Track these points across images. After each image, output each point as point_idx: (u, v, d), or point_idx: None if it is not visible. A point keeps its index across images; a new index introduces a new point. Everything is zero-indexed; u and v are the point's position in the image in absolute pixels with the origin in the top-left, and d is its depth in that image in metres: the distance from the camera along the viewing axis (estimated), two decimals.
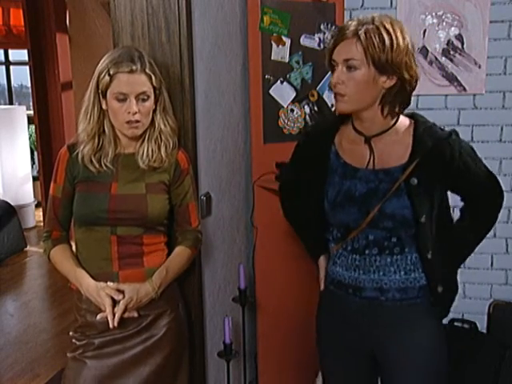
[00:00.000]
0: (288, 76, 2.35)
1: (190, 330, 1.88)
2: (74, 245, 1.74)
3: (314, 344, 1.74)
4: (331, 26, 2.39)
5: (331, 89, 1.48)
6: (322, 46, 2.39)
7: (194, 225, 1.76)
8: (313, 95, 2.42)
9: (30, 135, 6.21)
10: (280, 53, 2.32)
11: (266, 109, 2.31)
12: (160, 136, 1.67)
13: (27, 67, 5.47)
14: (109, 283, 1.62)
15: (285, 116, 2.37)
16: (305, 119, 2.42)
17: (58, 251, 1.71)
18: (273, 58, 2.31)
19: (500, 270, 2.61)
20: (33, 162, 6.24)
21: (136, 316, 1.65)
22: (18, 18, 5.93)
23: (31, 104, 5.56)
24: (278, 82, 2.33)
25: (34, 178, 6.02)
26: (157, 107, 1.65)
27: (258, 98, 2.29)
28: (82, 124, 1.64)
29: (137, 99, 1.57)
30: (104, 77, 1.56)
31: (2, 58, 6.84)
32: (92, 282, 1.63)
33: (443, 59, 2.50)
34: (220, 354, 2.11)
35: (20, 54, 6.64)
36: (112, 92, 1.57)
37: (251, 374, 2.50)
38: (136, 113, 1.57)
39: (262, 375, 2.47)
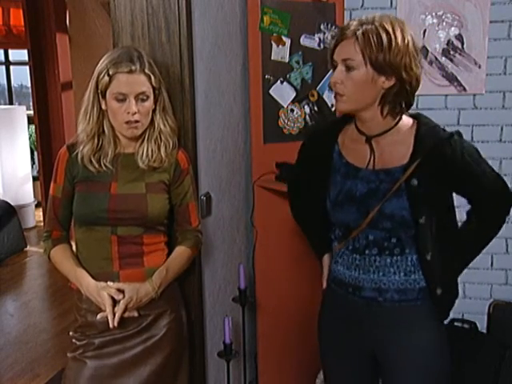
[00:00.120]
0: (288, 76, 2.35)
1: (190, 330, 1.88)
2: (74, 245, 1.74)
3: (314, 344, 1.74)
4: (331, 26, 2.39)
5: (331, 89, 1.48)
6: (322, 45, 2.39)
7: (194, 225, 1.76)
8: (313, 95, 2.42)
9: (30, 135, 6.21)
10: (280, 53, 2.32)
11: (265, 109, 2.31)
12: (160, 136, 1.67)
13: (27, 67, 5.46)
14: (109, 283, 1.62)
15: (285, 116, 2.37)
16: (305, 119, 2.42)
17: (58, 251, 1.71)
18: (273, 58, 2.31)
19: (500, 270, 2.61)
20: (33, 162, 6.24)
21: (136, 316, 1.65)
22: (18, 17, 5.93)
23: (31, 104, 5.55)
24: (278, 81, 2.33)
25: (34, 178, 6.01)
26: (156, 107, 1.65)
27: (258, 98, 2.29)
28: (82, 124, 1.64)
29: (136, 99, 1.57)
30: (103, 77, 1.56)
31: (2, 58, 6.83)
32: (92, 281, 1.63)
33: (443, 59, 2.50)
34: (220, 354, 2.11)
35: (20, 54, 6.64)
36: (111, 92, 1.57)
37: (251, 374, 2.50)
38: (135, 113, 1.57)
39: (262, 375, 2.47)
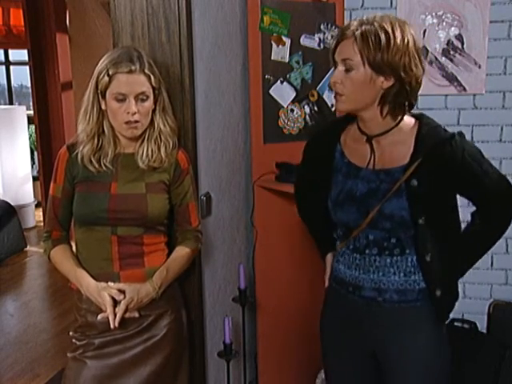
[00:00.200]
0: (288, 76, 2.35)
1: (190, 330, 1.88)
2: (74, 245, 1.74)
3: (313, 344, 1.74)
4: (331, 26, 2.39)
5: (331, 89, 1.48)
6: (322, 45, 2.39)
7: (194, 224, 1.76)
8: (313, 95, 2.42)
9: (30, 135, 6.21)
10: (280, 53, 2.32)
11: (266, 109, 2.31)
12: (160, 136, 1.67)
13: (27, 67, 5.46)
14: (110, 283, 1.62)
15: (285, 116, 2.37)
16: (305, 119, 2.42)
17: (58, 251, 1.71)
18: (273, 58, 2.31)
19: (500, 270, 2.61)
20: (33, 162, 6.23)
21: (137, 316, 1.65)
22: (18, 17, 5.93)
23: (31, 104, 5.55)
24: (278, 81, 2.33)
25: (34, 178, 6.01)
26: (156, 107, 1.65)
27: (258, 98, 2.29)
28: (82, 124, 1.64)
29: (136, 99, 1.57)
30: (103, 77, 1.56)
31: (2, 58, 6.83)
32: (92, 281, 1.63)
33: (443, 59, 2.50)
34: (220, 354, 2.11)
35: (20, 54, 6.64)
36: (111, 92, 1.57)
37: (251, 374, 2.50)
38: (135, 113, 1.57)
39: (262, 375, 2.47)
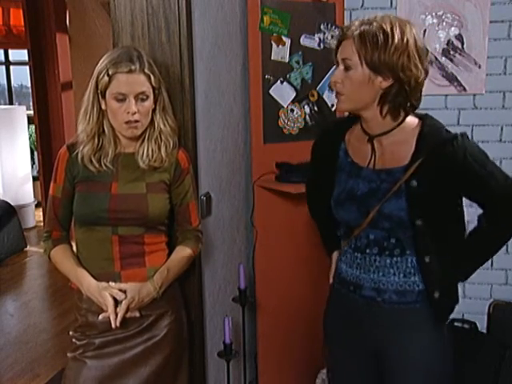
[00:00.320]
0: (288, 76, 2.35)
1: (190, 330, 1.88)
2: (74, 245, 1.74)
3: (313, 344, 1.75)
4: (331, 26, 2.39)
5: (331, 89, 1.49)
6: (322, 45, 2.39)
7: (194, 224, 1.76)
8: (313, 95, 2.42)
9: (30, 135, 6.21)
10: (280, 53, 2.32)
11: (266, 109, 2.31)
12: (160, 136, 1.66)
13: (27, 67, 5.47)
14: (111, 283, 1.62)
15: (285, 116, 2.37)
16: (305, 119, 2.42)
17: (58, 251, 1.71)
18: (273, 58, 2.31)
19: (500, 270, 2.61)
20: (33, 162, 6.24)
21: (138, 316, 1.65)
22: (18, 17, 5.93)
23: (31, 104, 5.55)
24: (278, 81, 2.33)
25: (34, 178, 6.01)
26: (156, 107, 1.65)
27: (258, 98, 2.29)
28: (82, 124, 1.64)
29: (136, 99, 1.57)
30: (103, 77, 1.56)
31: (2, 58, 6.83)
32: (93, 281, 1.63)
33: (443, 59, 2.50)
34: (220, 354, 2.11)
35: (20, 54, 6.64)
36: (111, 92, 1.56)
37: (251, 374, 2.50)
38: (135, 113, 1.57)
39: (262, 375, 2.47)
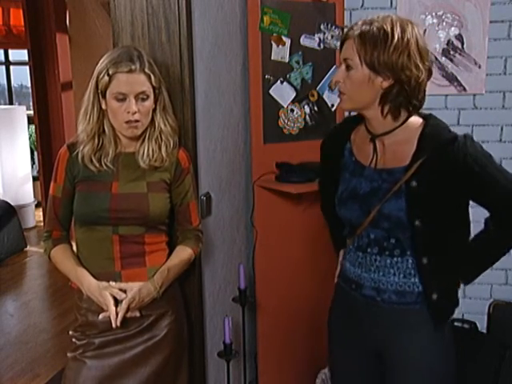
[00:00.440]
0: (288, 76, 2.35)
1: (190, 330, 1.88)
2: (74, 245, 1.74)
3: (314, 344, 1.75)
4: (331, 26, 2.39)
5: (331, 89, 1.49)
6: (322, 45, 2.39)
7: (194, 224, 1.76)
8: (313, 95, 2.42)
9: (30, 135, 6.21)
10: (280, 53, 2.32)
11: (266, 109, 2.32)
12: (160, 135, 1.67)
13: (27, 67, 5.47)
14: (111, 283, 1.62)
15: (285, 116, 2.37)
16: (305, 119, 2.42)
17: (58, 251, 1.70)
18: (273, 58, 2.31)
19: (500, 270, 2.61)
20: (33, 162, 6.24)
21: (138, 315, 1.65)
22: (18, 17, 5.93)
23: (31, 104, 5.55)
24: (278, 81, 2.33)
25: (34, 178, 6.01)
26: (156, 107, 1.65)
27: (258, 98, 2.29)
28: (82, 124, 1.64)
29: (136, 99, 1.57)
30: (103, 77, 1.56)
31: (2, 58, 6.83)
32: (93, 281, 1.63)
33: (443, 59, 2.51)
34: (220, 354, 2.11)
35: (20, 54, 6.64)
36: (111, 92, 1.56)
37: (251, 374, 2.50)
38: (135, 112, 1.57)
39: (262, 375, 2.47)
